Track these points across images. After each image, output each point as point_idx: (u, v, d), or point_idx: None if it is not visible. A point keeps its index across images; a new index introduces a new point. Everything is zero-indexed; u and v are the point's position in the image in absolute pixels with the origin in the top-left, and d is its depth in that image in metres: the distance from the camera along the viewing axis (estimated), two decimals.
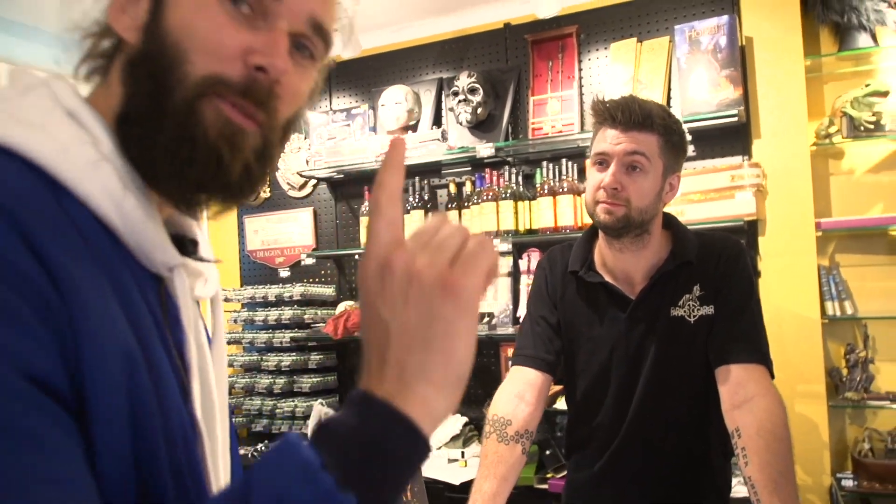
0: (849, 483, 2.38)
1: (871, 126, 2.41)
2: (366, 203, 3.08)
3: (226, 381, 0.67)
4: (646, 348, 1.45)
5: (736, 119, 2.44)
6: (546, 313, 1.55)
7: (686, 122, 2.50)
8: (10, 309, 0.42)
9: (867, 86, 2.43)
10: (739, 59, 2.47)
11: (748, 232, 2.51)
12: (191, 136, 0.54)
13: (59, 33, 0.59)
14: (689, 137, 2.39)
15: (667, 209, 2.37)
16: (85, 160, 0.52)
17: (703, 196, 2.49)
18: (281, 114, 0.59)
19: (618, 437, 1.48)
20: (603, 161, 1.41)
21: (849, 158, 2.60)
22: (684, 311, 1.44)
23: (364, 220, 3.07)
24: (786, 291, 2.48)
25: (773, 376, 1.37)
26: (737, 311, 1.41)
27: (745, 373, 1.34)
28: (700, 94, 2.51)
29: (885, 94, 2.40)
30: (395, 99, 3.03)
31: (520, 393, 1.48)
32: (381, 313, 0.46)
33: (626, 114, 1.37)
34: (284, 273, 3.41)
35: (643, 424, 1.46)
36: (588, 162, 1.47)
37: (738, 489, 1.79)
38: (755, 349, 1.37)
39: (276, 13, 0.56)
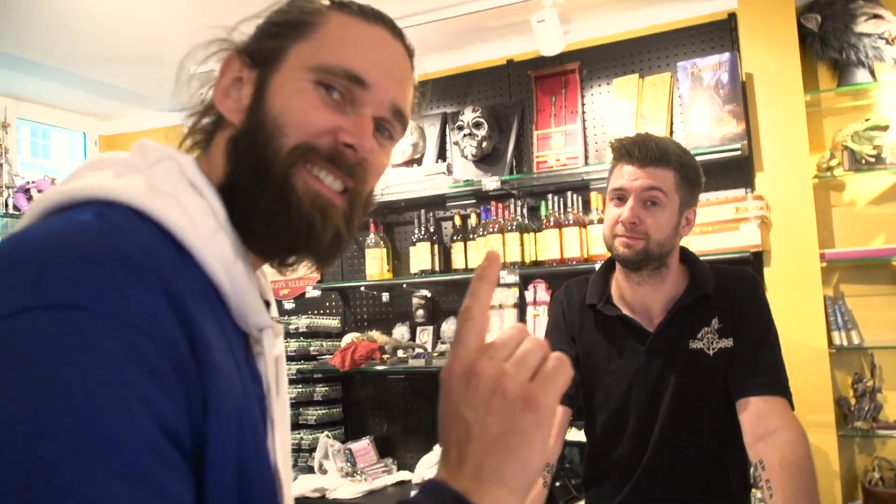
0: None
1: (872, 159, 2.46)
2: (371, 235, 3.10)
3: (289, 430, 0.71)
4: (665, 381, 1.46)
5: (739, 153, 2.48)
6: (565, 347, 1.56)
7: None
8: (155, 366, 0.45)
9: (867, 120, 2.48)
10: (741, 95, 2.52)
11: (753, 263, 2.54)
12: (286, 202, 0.61)
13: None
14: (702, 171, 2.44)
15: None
16: (208, 229, 0.57)
17: (708, 228, 2.52)
18: (367, 185, 0.66)
19: (637, 470, 1.48)
20: (621, 196, 1.44)
21: (850, 190, 2.65)
22: (703, 344, 1.45)
23: (369, 252, 3.08)
24: (792, 322, 2.50)
25: (793, 408, 1.38)
26: (756, 344, 1.42)
27: (767, 405, 1.36)
28: (703, 129, 2.55)
29: (885, 128, 2.45)
30: None
31: None
32: (464, 414, 0.49)
33: (643, 150, 1.40)
34: (289, 305, 3.41)
35: (663, 457, 1.46)
36: (605, 198, 1.49)
37: None
38: (775, 381, 1.39)
39: (363, 101, 0.64)
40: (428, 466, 2.87)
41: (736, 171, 2.61)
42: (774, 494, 1.26)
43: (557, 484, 2.58)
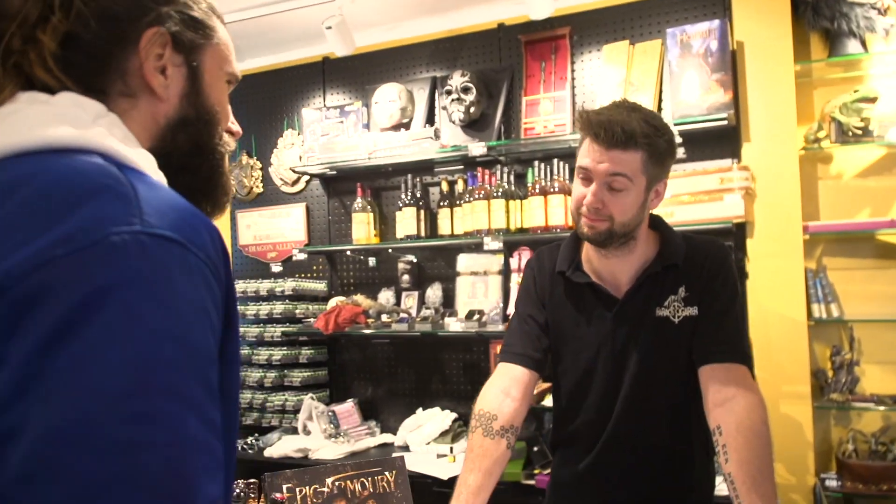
0: (833, 483, 2.41)
1: (860, 132, 2.44)
2: (358, 199, 3.09)
3: None
4: (631, 348, 1.47)
5: (726, 122, 2.46)
6: (534, 312, 1.57)
7: (676, 124, 2.52)
8: (216, 304, 0.57)
9: (856, 91, 2.45)
10: (730, 63, 2.49)
11: (736, 234, 2.53)
12: (219, 169, 0.76)
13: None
14: (678, 140, 2.41)
15: (656, 211, 2.39)
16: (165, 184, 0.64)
17: (692, 198, 2.51)
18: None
19: (602, 435, 1.50)
20: (586, 177, 1.42)
21: (837, 163, 2.63)
22: (669, 312, 1.46)
23: (356, 216, 3.08)
24: (773, 293, 2.51)
25: (753, 376, 1.40)
26: (720, 313, 1.43)
27: (727, 372, 1.37)
28: (691, 97, 2.53)
29: (873, 100, 2.43)
30: (389, 97, 3.04)
31: (506, 389, 1.50)
32: None
33: (609, 133, 1.35)
34: (276, 268, 3.42)
35: (628, 423, 1.48)
36: (574, 171, 1.48)
37: (722, 487, 1.81)
38: (737, 350, 1.40)
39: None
40: (409, 430, 2.91)
41: (723, 140, 2.60)
42: (729, 459, 1.28)
43: (535, 449, 2.62)
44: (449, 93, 2.91)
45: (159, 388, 0.47)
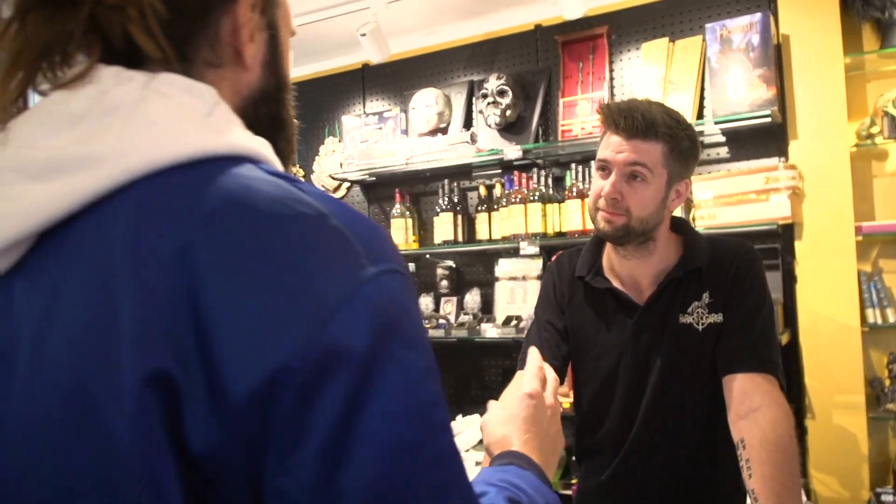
0: (889, 498, 2.27)
1: None
2: (397, 205, 3.09)
3: None
4: (653, 356, 1.42)
5: (769, 119, 2.36)
6: (553, 318, 1.53)
7: (718, 122, 2.43)
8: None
9: None
10: (773, 58, 2.39)
11: (783, 236, 2.43)
12: (291, 142, 0.67)
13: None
14: (717, 131, 2.33)
15: (698, 213, 2.32)
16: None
17: (736, 198, 2.42)
18: None
19: (625, 444, 1.45)
20: (605, 167, 1.38)
21: (893, 159, 2.49)
22: (693, 319, 1.40)
23: (395, 222, 3.08)
24: (823, 298, 2.39)
25: (783, 387, 1.32)
26: (747, 320, 1.36)
27: (752, 383, 1.30)
28: (733, 94, 2.44)
29: None
30: (426, 102, 3.04)
31: None
32: (537, 420, 0.84)
33: (629, 121, 1.33)
34: None
35: (651, 433, 1.42)
36: (593, 166, 1.44)
37: None
38: (763, 358, 1.33)
39: None
40: (456, 433, 2.88)
41: (768, 139, 2.49)
42: (753, 474, 1.21)
43: (574, 458, 2.56)
44: (485, 96, 2.88)
45: (442, 425, 0.49)
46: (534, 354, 1.18)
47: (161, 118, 0.49)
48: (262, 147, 0.54)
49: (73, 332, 0.44)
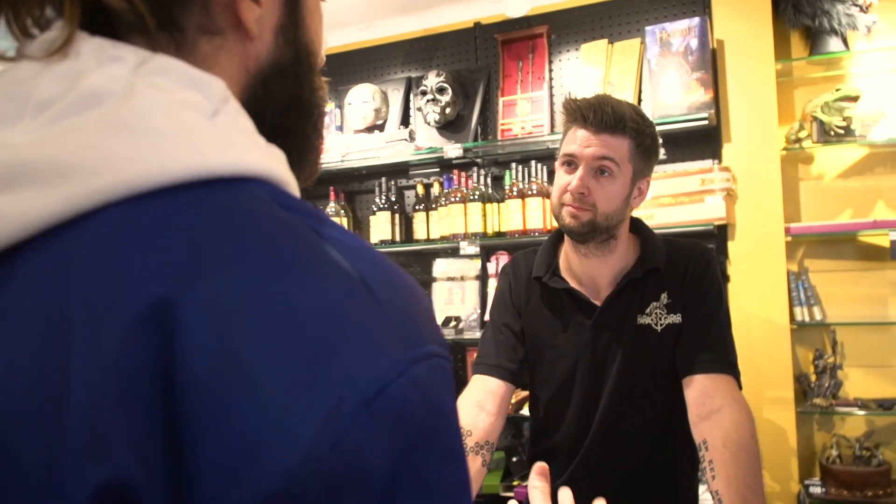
0: (817, 490, 2.36)
1: (842, 131, 2.40)
2: (331, 204, 3.00)
3: None
4: (611, 357, 1.40)
5: (707, 122, 2.41)
6: (510, 321, 1.50)
7: (657, 124, 2.45)
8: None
9: (838, 90, 2.41)
10: (710, 62, 2.44)
11: (718, 236, 2.48)
12: (319, 137, 0.54)
13: None
14: (660, 141, 2.36)
15: (635, 213, 2.33)
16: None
17: (673, 200, 2.45)
18: None
19: (582, 448, 1.43)
20: (571, 163, 1.36)
21: (818, 163, 2.59)
22: (651, 320, 1.39)
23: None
24: (755, 297, 2.46)
25: (741, 387, 1.33)
26: (705, 321, 1.36)
27: (713, 383, 1.30)
28: (671, 97, 2.48)
29: (855, 98, 2.39)
30: (363, 98, 2.96)
31: (480, 402, 1.42)
32: None
33: (598, 115, 1.31)
34: None
35: (608, 435, 1.41)
36: (556, 162, 1.41)
37: (706, 496, 1.75)
38: (723, 359, 1.33)
39: None
40: None
41: (703, 141, 2.54)
42: (717, 476, 1.21)
43: (514, 459, 2.54)
44: (424, 93, 2.83)
45: None
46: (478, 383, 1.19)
47: (153, 122, 0.37)
48: (275, 162, 0.42)
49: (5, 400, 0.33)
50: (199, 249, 0.35)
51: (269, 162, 0.41)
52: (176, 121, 0.38)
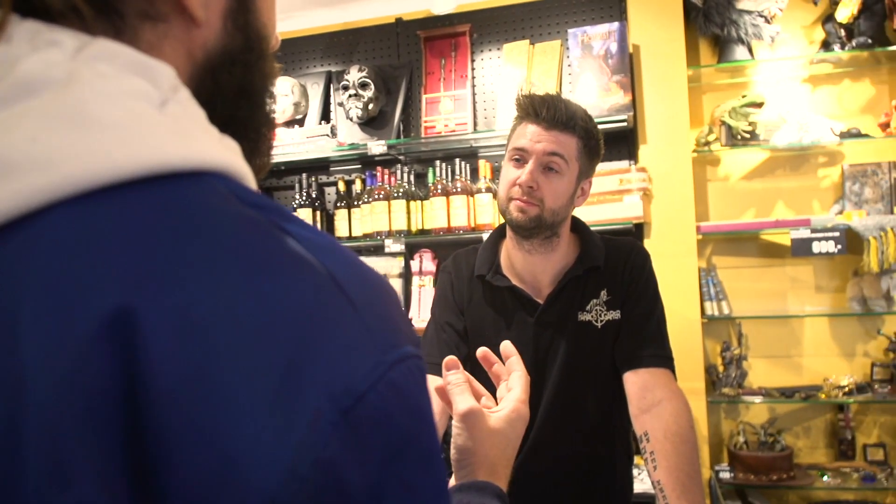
0: (726, 475, 2.49)
1: (748, 135, 2.54)
2: None
3: None
4: (553, 354, 1.43)
5: (626, 124, 2.49)
6: (452, 319, 1.49)
7: None
8: None
9: (744, 97, 2.55)
10: (629, 66, 2.53)
11: (635, 234, 2.57)
12: (269, 128, 0.51)
13: None
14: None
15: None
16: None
17: (594, 199, 2.52)
18: None
19: (526, 443, 1.44)
20: (521, 157, 1.37)
21: (725, 165, 2.74)
22: (591, 316, 1.42)
23: None
24: (670, 292, 2.53)
25: (676, 379, 1.38)
26: (643, 317, 1.41)
27: (652, 377, 1.34)
28: (591, 99, 2.54)
29: (760, 105, 2.54)
30: (282, 91, 2.88)
31: None
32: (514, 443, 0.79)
33: (552, 111, 1.33)
34: None
35: (551, 430, 1.43)
36: (504, 156, 1.42)
37: (637, 486, 1.81)
38: (661, 354, 1.38)
39: None
40: None
41: (621, 142, 2.63)
42: (658, 466, 1.25)
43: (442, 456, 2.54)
44: (346, 88, 2.78)
45: None
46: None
47: (100, 112, 0.34)
48: (231, 154, 0.40)
49: None
50: (157, 252, 0.32)
51: (226, 154, 0.39)
52: (124, 111, 0.35)
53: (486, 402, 0.82)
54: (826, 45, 2.56)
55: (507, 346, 0.86)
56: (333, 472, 0.31)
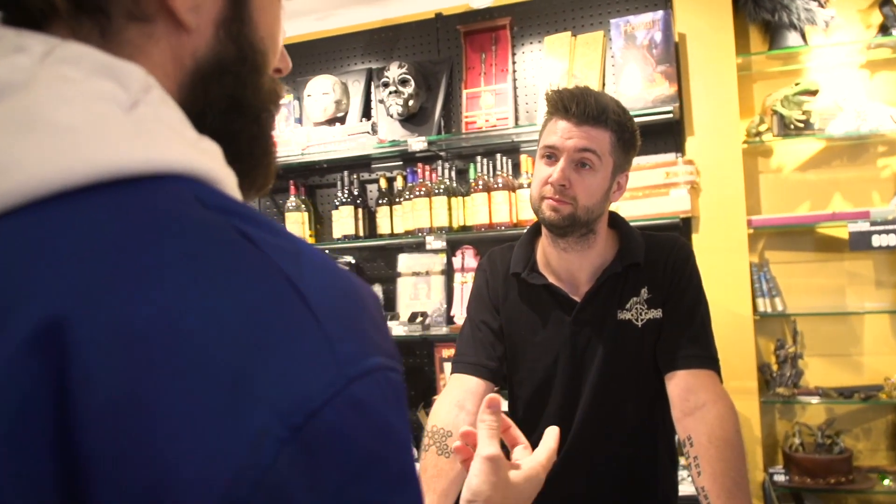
0: (781, 478, 2.40)
1: (801, 125, 2.43)
2: (292, 198, 2.92)
3: None
4: (591, 353, 1.38)
5: (671, 115, 2.42)
6: (488, 318, 1.46)
7: None
8: None
9: (797, 84, 2.45)
10: (674, 55, 2.45)
11: (682, 229, 2.50)
12: (266, 148, 0.50)
13: None
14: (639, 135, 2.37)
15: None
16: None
17: (639, 193, 2.46)
18: None
19: (563, 447, 1.40)
20: (552, 155, 1.33)
21: (778, 156, 2.63)
22: (631, 315, 1.38)
23: (290, 216, 2.91)
24: (719, 288, 2.48)
25: (722, 381, 1.33)
26: (686, 316, 1.36)
27: (696, 379, 1.29)
28: (635, 90, 2.48)
29: (814, 92, 2.43)
30: (322, 89, 2.89)
31: (460, 402, 1.39)
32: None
33: (581, 106, 1.28)
34: None
35: (589, 433, 1.39)
36: (536, 154, 1.39)
37: (683, 488, 1.76)
38: (705, 354, 1.33)
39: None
40: None
41: (667, 134, 2.55)
42: (702, 472, 1.20)
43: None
44: (386, 85, 2.77)
45: None
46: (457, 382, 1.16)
47: (55, 116, 0.33)
48: (203, 156, 0.38)
49: None
50: (100, 261, 0.30)
51: (195, 156, 0.37)
52: (84, 114, 0.33)
53: (521, 451, 0.84)
54: (884, 30, 2.43)
55: (551, 430, 0.87)
56: (279, 495, 0.29)
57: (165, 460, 0.28)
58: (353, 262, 2.99)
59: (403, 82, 2.74)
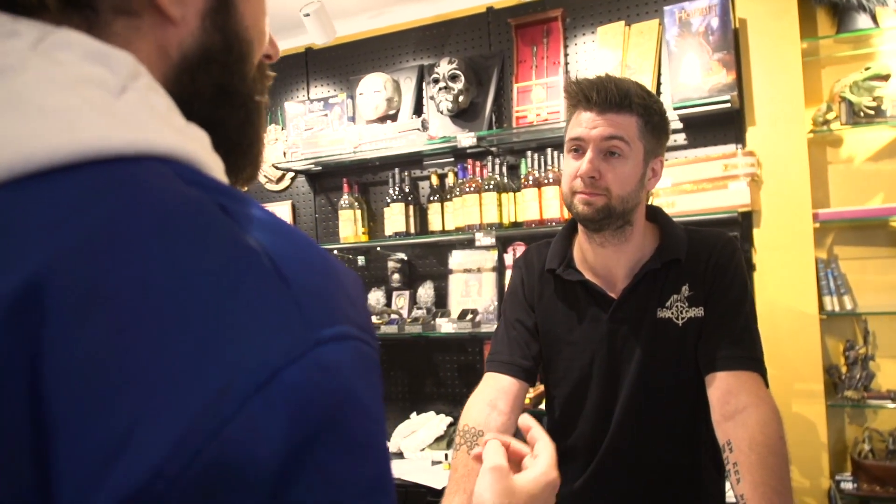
0: (848, 486, 2.27)
1: (872, 112, 2.29)
2: (345, 196, 2.95)
3: None
4: (629, 353, 1.33)
5: (729, 105, 2.32)
6: (523, 316, 1.43)
7: (677, 108, 2.37)
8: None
9: (867, 69, 2.30)
10: (732, 42, 2.34)
11: (742, 223, 2.39)
12: (255, 132, 0.52)
13: None
14: (675, 117, 2.27)
15: (657, 201, 2.26)
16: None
17: (695, 186, 2.37)
18: None
19: (600, 449, 1.36)
20: (578, 147, 1.29)
21: (848, 146, 2.48)
22: (672, 313, 1.32)
23: (343, 214, 2.94)
24: (782, 286, 2.37)
25: (767, 384, 1.25)
26: (729, 315, 1.29)
27: (737, 381, 1.22)
28: (691, 80, 2.38)
29: (886, 77, 2.28)
30: (374, 87, 2.90)
31: (493, 401, 1.36)
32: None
33: (602, 94, 1.24)
34: None
35: (627, 436, 1.34)
36: (564, 149, 1.34)
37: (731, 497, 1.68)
38: (748, 355, 1.26)
39: None
40: (403, 436, 2.77)
41: (726, 124, 2.45)
42: (742, 479, 1.14)
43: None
44: (436, 81, 2.76)
45: None
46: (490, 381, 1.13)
47: (43, 98, 0.34)
48: (189, 141, 0.39)
49: None
50: (79, 229, 0.31)
51: (181, 140, 0.38)
52: (71, 97, 0.35)
53: (527, 461, 0.85)
54: None
55: (525, 419, 0.88)
56: (237, 448, 0.29)
57: (126, 415, 0.28)
58: (406, 258, 2.99)
59: (453, 78, 2.72)
